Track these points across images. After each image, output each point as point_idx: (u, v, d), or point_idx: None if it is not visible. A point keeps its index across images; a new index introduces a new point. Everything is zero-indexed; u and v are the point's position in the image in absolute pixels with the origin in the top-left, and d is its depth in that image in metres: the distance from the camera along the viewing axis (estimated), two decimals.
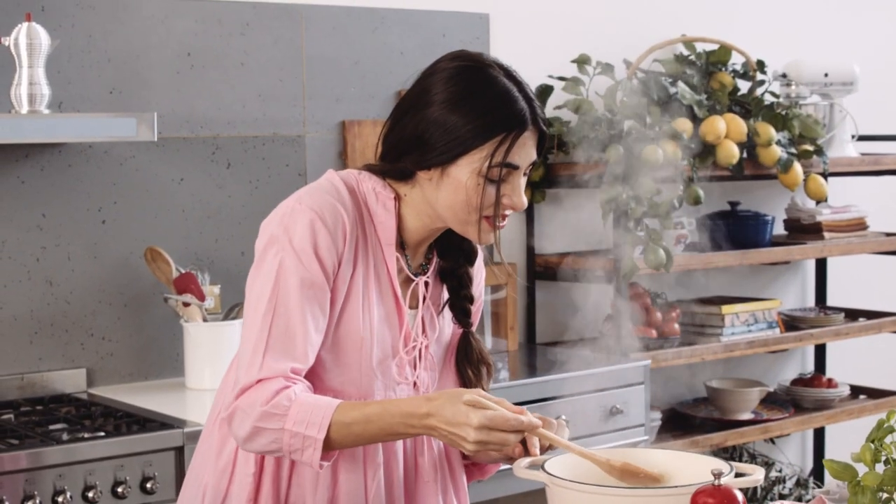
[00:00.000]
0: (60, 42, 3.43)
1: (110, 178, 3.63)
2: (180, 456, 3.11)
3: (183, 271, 3.61)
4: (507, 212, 2.17)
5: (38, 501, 2.91)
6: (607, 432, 3.88)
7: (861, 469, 1.98)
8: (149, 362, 3.72)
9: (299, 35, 3.94)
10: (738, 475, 2.01)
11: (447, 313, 2.31)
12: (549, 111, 4.34)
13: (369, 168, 2.24)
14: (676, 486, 1.92)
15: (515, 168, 2.13)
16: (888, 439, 2.00)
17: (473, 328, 2.35)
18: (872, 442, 1.98)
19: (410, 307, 2.24)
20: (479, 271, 2.36)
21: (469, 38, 4.29)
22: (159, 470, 3.09)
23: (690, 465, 2.09)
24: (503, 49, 4.37)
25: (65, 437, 3.09)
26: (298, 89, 3.94)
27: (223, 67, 3.81)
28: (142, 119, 3.30)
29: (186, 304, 3.59)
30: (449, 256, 2.28)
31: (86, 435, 3.11)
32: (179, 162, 3.74)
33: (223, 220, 3.81)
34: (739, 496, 1.78)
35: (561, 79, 4.32)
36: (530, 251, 4.45)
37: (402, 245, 2.24)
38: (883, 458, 1.99)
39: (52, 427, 3.22)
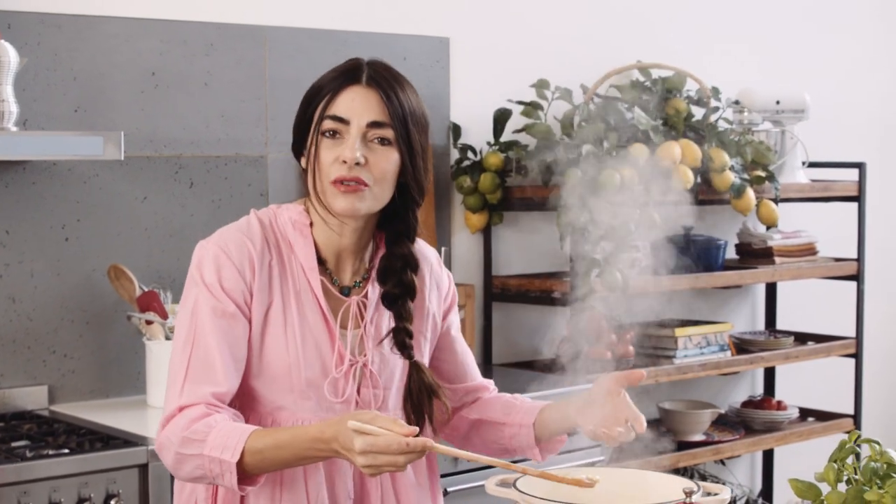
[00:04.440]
0: (27, 60, 3.44)
1: (74, 196, 3.65)
2: (144, 473, 3.12)
3: (146, 289, 3.63)
4: (355, 174, 2.19)
5: None
6: (564, 452, 3.88)
7: (824, 489, 2.04)
8: (110, 380, 3.73)
9: (262, 56, 3.97)
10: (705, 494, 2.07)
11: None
12: (508, 135, 4.40)
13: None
14: None
15: (344, 122, 2.20)
16: (849, 459, 2.06)
17: (423, 358, 2.38)
18: (835, 462, 2.04)
19: (347, 328, 2.28)
20: (439, 285, 2.43)
21: (429, 61, 4.34)
22: (123, 487, 3.10)
23: (658, 484, 2.14)
24: (463, 72, 4.42)
25: (28, 454, 3.10)
26: (261, 110, 3.98)
27: (187, 87, 3.84)
28: (109, 138, 3.32)
29: (149, 322, 3.61)
30: (388, 282, 2.32)
31: (50, 452, 3.12)
32: (143, 181, 3.76)
33: (185, 239, 3.83)
34: None
35: (520, 103, 4.37)
36: (487, 273, 4.50)
37: (325, 264, 2.29)
38: (845, 478, 2.05)
39: (14, 444, 3.22)
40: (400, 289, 2.31)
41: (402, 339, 2.32)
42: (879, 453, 2.03)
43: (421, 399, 2.32)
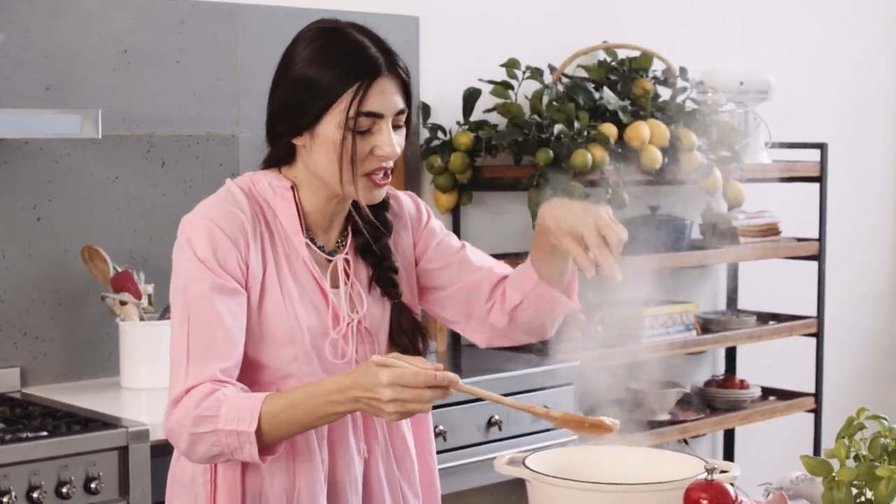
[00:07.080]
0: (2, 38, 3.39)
1: (46, 176, 3.59)
2: (124, 456, 3.08)
3: (120, 270, 3.58)
4: (387, 164, 2.18)
5: None
6: (536, 432, 3.93)
7: (834, 465, 2.05)
8: (83, 362, 3.68)
9: (235, 35, 3.93)
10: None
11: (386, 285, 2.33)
12: (478, 114, 4.39)
13: (265, 163, 2.29)
14: (665, 482, 1.96)
15: (379, 116, 2.16)
16: (857, 436, 2.07)
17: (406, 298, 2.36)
18: (845, 439, 2.05)
19: (336, 287, 2.27)
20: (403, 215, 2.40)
21: (399, 40, 4.26)
22: (104, 470, 3.06)
23: (661, 462, 2.15)
24: (433, 52, 4.40)
25: (6, 437, 3.05)
26: (233, 89, 3.93)
27: (159, 66, 3.79)
28: (86, 116, 3.26)
29: (123, 303, 3.56)
30: (363, 232, 2.30)
31: (28, 435, 3.07)
32: (115, 160, 3.71)
33: (157, 219, 3.79)
34: (732, 491, 1.83)
35: (490, 82, 4.36)
36: None
37: (309, 230, 2.27)
38: (853, 455, 2.07)
39: None
40: (372, 227, 2.29)
41: (388, 276, 2.30)
42: (888, 429, 2.04)
43: (412, 337, 2.31)
